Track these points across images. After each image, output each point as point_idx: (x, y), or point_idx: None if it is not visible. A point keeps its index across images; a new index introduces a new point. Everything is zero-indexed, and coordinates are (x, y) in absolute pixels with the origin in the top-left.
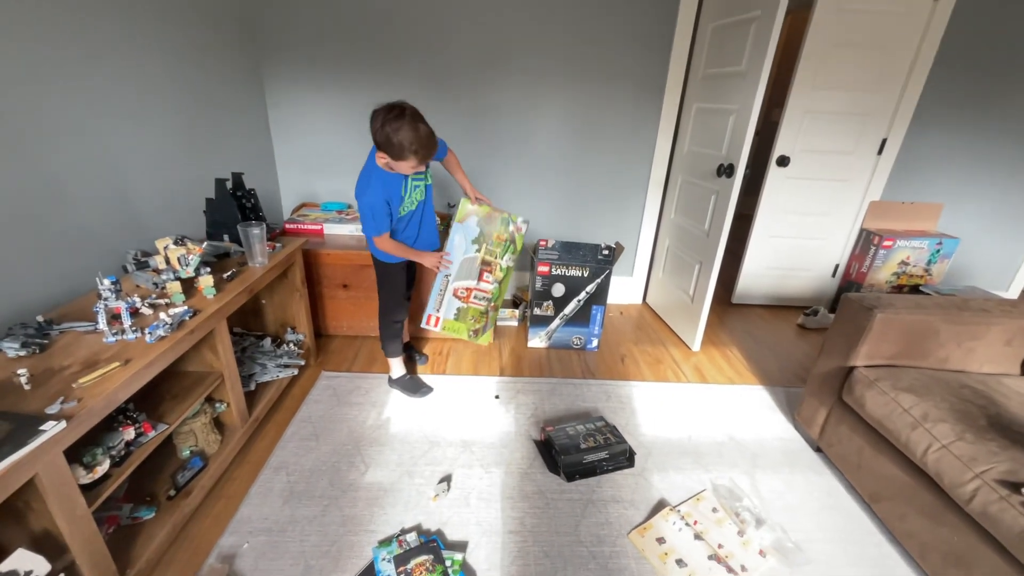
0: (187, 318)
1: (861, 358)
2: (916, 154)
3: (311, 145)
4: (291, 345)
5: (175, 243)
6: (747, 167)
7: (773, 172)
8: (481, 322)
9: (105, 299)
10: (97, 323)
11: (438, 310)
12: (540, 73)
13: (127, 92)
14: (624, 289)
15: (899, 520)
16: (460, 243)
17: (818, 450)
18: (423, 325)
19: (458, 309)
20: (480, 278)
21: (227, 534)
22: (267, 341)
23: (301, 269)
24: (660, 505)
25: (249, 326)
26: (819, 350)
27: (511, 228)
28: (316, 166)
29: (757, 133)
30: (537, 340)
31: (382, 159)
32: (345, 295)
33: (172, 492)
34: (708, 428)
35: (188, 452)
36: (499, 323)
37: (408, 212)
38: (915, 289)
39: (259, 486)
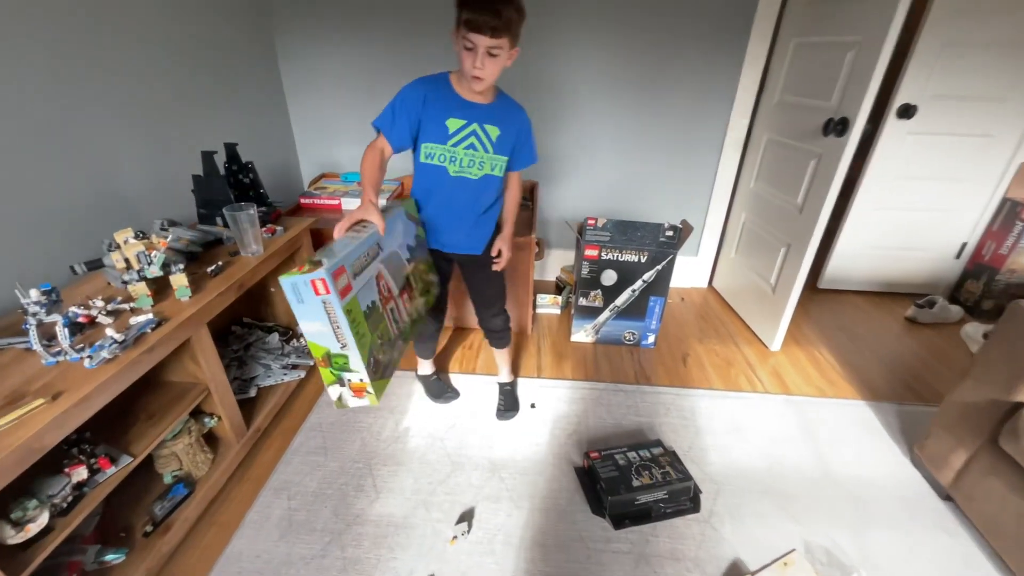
0: (149, 330)
1: None
2: None
3: (330, 108)
4: (301, 339)
5: (135, 236)
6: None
7: (891, 126)
8: (387, 355)
9: (34, 314)
10: (30, 342)
11: (353, 276)
12: (590, 7)
13: (104, 40)
14: (687, 271)
15: None
16: (399, 234)
17: (947, 498)
18: (311, 277)
19: (372, 303)
20: (402, 294)
21: (213, 574)
22: (274, 337)
23: (310, 252)
24: (735, 569)
25: (261, 315)
26: (949, 362)
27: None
28: (336, 131)
29: None
30: (582, 334)
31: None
32: None
33: (148, 528)
34: (795, 457)
35: (171, 478)
36: (539, 310)
37: (438, 166)
38: None
39: (256, 511)
